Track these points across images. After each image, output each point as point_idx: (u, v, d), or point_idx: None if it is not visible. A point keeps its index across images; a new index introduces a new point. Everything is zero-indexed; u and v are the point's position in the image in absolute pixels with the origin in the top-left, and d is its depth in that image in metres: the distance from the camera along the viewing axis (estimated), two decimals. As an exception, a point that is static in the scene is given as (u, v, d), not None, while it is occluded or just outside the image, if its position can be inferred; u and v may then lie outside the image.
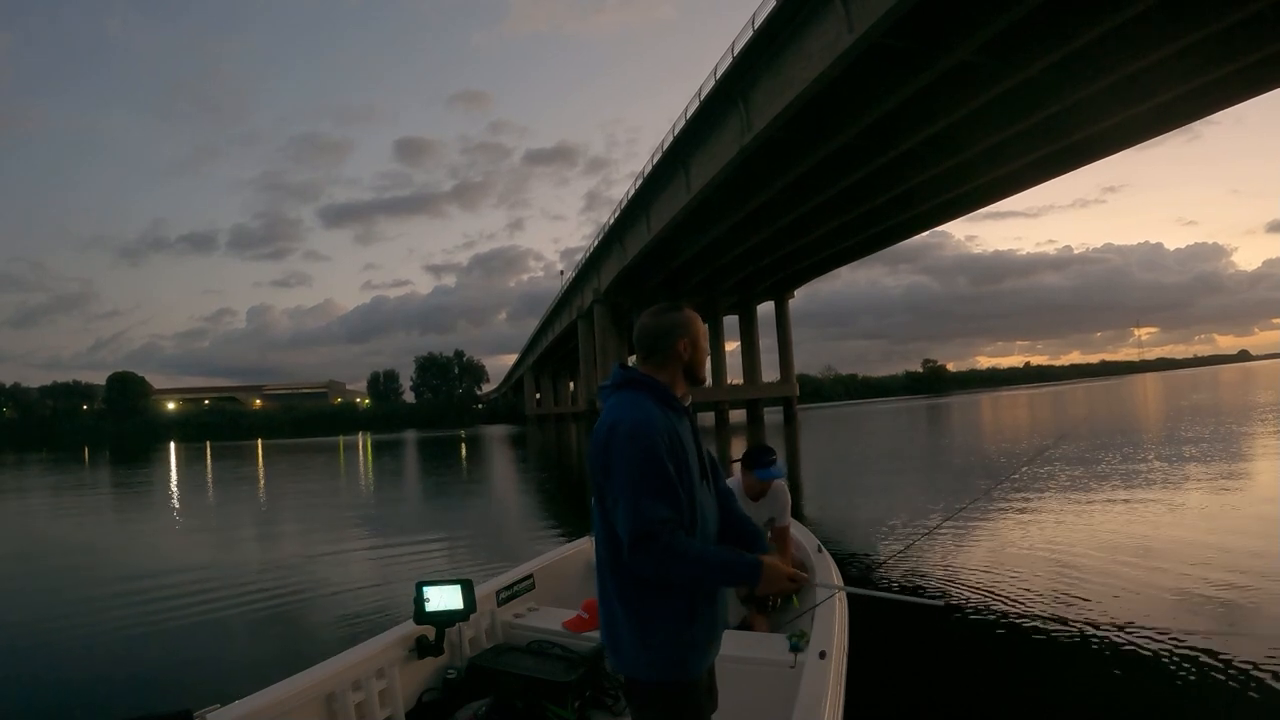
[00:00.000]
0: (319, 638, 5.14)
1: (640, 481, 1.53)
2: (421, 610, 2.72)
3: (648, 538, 1.51)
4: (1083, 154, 25.57)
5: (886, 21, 16.02)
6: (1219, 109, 22.27)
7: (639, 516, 1.51)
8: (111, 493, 20.30)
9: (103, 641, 5.43)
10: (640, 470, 1.54)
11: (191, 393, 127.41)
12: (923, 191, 27.43)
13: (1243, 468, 11.50)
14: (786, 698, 2.13)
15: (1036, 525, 7.88)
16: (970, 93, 18.97)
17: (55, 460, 39.85)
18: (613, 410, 1.65)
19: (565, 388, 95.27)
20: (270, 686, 2.25)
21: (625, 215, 36.84)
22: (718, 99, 24.07)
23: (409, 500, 15.55)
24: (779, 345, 49.17)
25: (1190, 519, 7.83)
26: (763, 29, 20.58)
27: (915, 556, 6.51)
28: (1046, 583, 5.65)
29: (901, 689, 3.72)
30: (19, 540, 11.70)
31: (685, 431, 1.69)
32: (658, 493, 1.53)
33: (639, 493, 1.52)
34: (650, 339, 1.74)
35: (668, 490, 1.54)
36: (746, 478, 3.57)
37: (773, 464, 3.57)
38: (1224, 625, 4.56)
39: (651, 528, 1.51)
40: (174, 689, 4.29)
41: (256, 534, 11.08)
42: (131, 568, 8.24)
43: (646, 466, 1.54)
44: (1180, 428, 19.26)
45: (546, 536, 9.11)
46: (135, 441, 74.24)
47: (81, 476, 27.30)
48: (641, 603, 1.62)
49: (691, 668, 1.65)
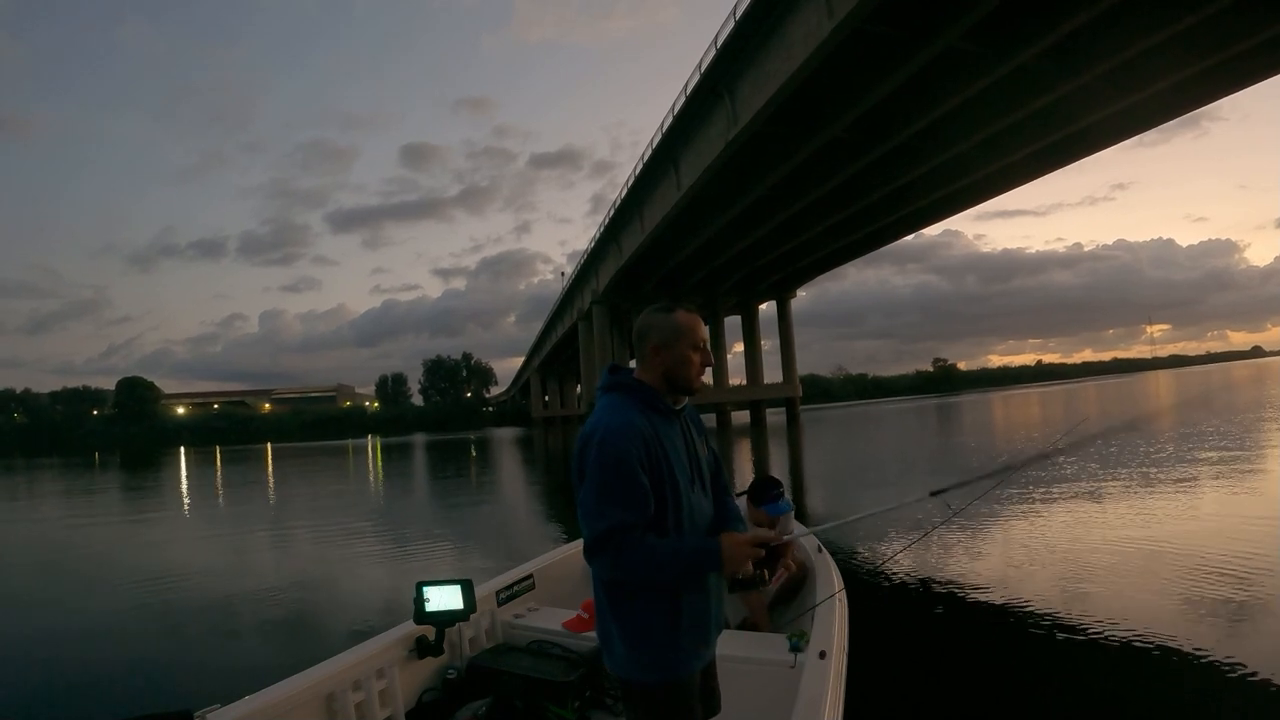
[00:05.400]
0: (319, 638, 5.17)
1: (603, 488, 1.55)
2: (421, 610, 2.73)
3: (602, 541, 1.54)
4: (1082, 145, 25.22)
5: (867, 6, 15.72)
6: (1218, 97, 21.92)
7: (596, 521, 1.54)
8: (120, 497, 20.42)
9: (104, 641, 5.49)
10: (605, 477, 1.55)
11: (201, 397, 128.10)
12: (920, 186, 27.09)
13: (1257, 465, 11.41)
14: (786, 698, 2.13)
15: (1038, 524, 7.84)
16: (961, 82, 18.67)
17: (65, 465, 40.14)
18: (595, 415, 1.66)
19: (571, 390, 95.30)
20: (270, 686, 2.27)
21: (620, 215, 36.57)
22: (703, 94, 23.76)
23: (416, 502, 15.59)
24: (781, 345, 48.88)
25: (1198, 518, 7.78)
26: (744, 19, 20.26)
27: (916, 556, 6.49)
28: (1048, 582, 5.63)
29: (901, 689, 3.71)
30: (25, 542, 11.77)
31: (672, 435, 1.69)
32: (618, 499, 1.54)
33: (600, 499, 1.55)
34: (635, 340, 1.75)
35: (631, 497, 1.55)
36: (754, 513, 3.47)
37: (780, 497, 3.47)
38: (1229, 624, 4.53)
39: (606, 533, 1.53)
40: (174, 689, 4.32)
41: (261, 537, 11.12)
42: (134, 569, 8.29)
43: (612, 473, 1.55)
44: (1191, 424, 19.11)
45: (547, 536, 9.12)
46: (145, 446, 74.70)
47: (91, 481, 27.47)
48: (627, 604, 1.63)
49: (680, 669, 1.64)
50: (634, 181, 32.51)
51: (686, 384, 1.71)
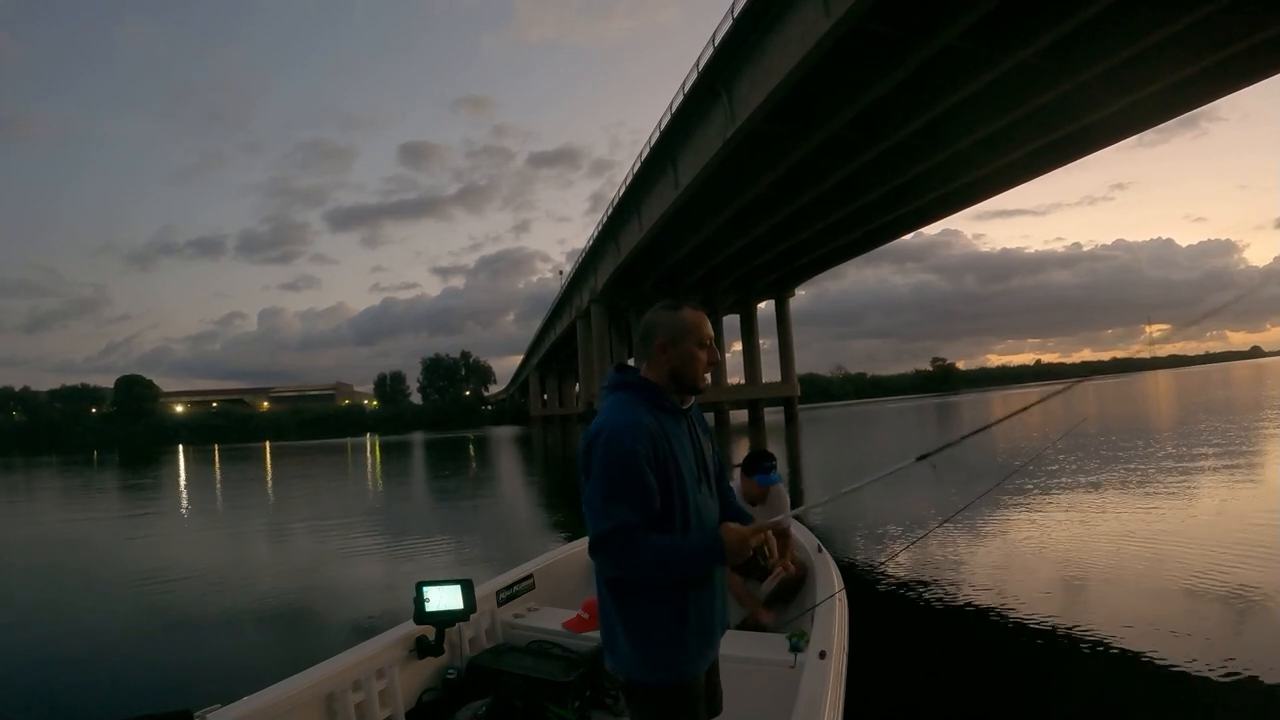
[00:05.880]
0: (319, 638, 5.16)
1: (609, 487, 1.55)
2: (421, 610, 2.74)
3: (606, 539, 1.54)
4: (1081, 144, 25.15)
5: (865, 4, 15.70)
6: (1217, 96, 21.85)
7: (601, 520, 1.54)
8: (118, 496, 20.39)
9: (104, 641, 5.47)
10: (611, 476, 1.55)
11: (200, 395, 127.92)
12: (919, 185, 27.04)
13: (1257, 466, 11.42)
14: (786, 698, 2.13)
15: (1038, 524, 7.84)
16: (960, 80, 18.63)
17: (64, 464, 40.10)
18: (602, 414, 1.66)
19: (570, 389, 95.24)
20: (270, 686, 2.27)
21: (618, 213, 36.49)
22: (701, 92, 23.72)
23: (415, 500, 15.59)
24: (779, 345, 48.89)
25: (1197, 519, 7.78)
26: (742, 17, 20.21)
27: (916, 556, 6.49)
28: (1048, 582, 5.63)
29: (901, 689, 3.71)
30: (24, 543, 11.75)
31: (679, 434, 1.68)
32: (624, 498, 1.54)
33: (605, 498, 1.55)
34: (638, 338, 1.75)
35: (637, 495, 1.55)
36: (746, 483, 3.62)
37: (772, 469, 3.64)
38: (1228, 624, 4.53)
39: (611, 531, 1.53)
40: (174, 689, 4.31)
41: (259, 536, 11.11)
42: (133, 569, 8.27)
43: (618, 472, 1.55)
44: (1190, 425, 19.13)
45: (546, 534, 9.11)
46: (143, 445, 74.64)
47: (90, 480, 27.45)
48: (632, 604, 1.62)
49: (685, 670, 1.64)
50: (632, 180, 32.44)
51: (693, 381, 1.71)
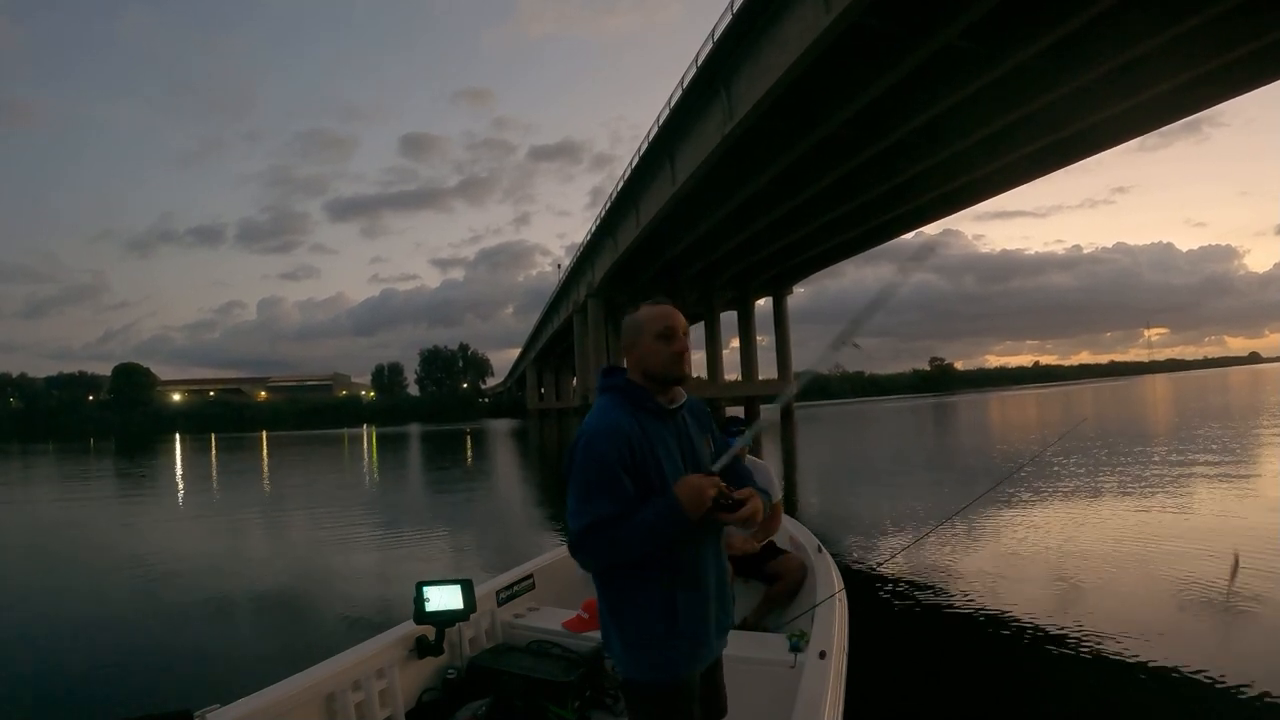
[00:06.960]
0: (319, 637, 5.14)
1: (584, 488, 1.58)
2: (421, 610, 2.72)
3: (582, 537, 1.57)
4: (1082, 147, 25.19)
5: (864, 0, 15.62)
6: (1219, 101, 21.85)
7: (576, 520, 1.58)
8: (116, 487, 20.37)
9: (103, 640, 5.43)
10: (586, 478, 1.58)
11: (197, 384, 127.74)
12: (918, 185, 27.04)
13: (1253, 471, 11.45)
14: (786, 698, 2.13)
15: (1037, 525, 7.86)
16: (959, 80, 18.60)
17: (61, 451, 40.02)
18: (587, 418, 1.69)
19: (567, 382, 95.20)
20: (270, 686, 2.25)
21: (615, 208, 36.43)
22: (699, 87, 23.64)
23: (412, 493, 15.58)
24: (776, 342, 48.97)
25: (1193, 521, 7.81)
26: (741, 12, 20.14)
27: (916, 556, 6.50)
28: (1047, 582, 5.65)
29: (901, 689, 3.72)
30: (18, 536, 11.73)
31: (663, 433, 1.68)
32: (596, 498, 1.57)
33: (580, 499, 1.58)
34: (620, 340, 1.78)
35: (611, 496, 1.57)
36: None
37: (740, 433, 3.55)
38: (1228, 624, 4.55)
39: (585, 528, 1.56)
40: (174, 689, 4.29)
41: (256, 532, 11.10)
42: (132, 567, 8.22)
43: (594, 474, 1.58)
44: (1188, 429, 19.19)
45: (544, 531, 9.12)
46: (140, 433, 74.52)
47: (86, 469, 27.41)
48: (621, 602, 1.64)
49: (678, 669, 1.64)
50: (630, 175, 32.37)
51: (662, 374, 1.68)
